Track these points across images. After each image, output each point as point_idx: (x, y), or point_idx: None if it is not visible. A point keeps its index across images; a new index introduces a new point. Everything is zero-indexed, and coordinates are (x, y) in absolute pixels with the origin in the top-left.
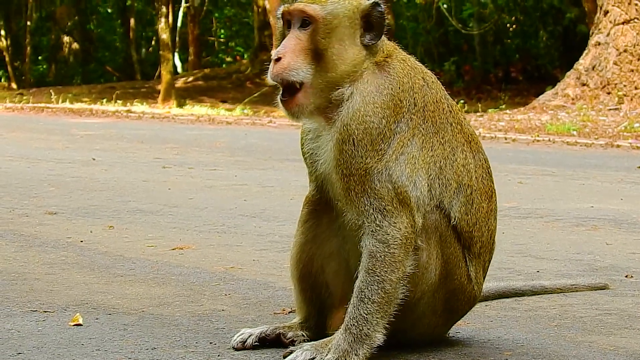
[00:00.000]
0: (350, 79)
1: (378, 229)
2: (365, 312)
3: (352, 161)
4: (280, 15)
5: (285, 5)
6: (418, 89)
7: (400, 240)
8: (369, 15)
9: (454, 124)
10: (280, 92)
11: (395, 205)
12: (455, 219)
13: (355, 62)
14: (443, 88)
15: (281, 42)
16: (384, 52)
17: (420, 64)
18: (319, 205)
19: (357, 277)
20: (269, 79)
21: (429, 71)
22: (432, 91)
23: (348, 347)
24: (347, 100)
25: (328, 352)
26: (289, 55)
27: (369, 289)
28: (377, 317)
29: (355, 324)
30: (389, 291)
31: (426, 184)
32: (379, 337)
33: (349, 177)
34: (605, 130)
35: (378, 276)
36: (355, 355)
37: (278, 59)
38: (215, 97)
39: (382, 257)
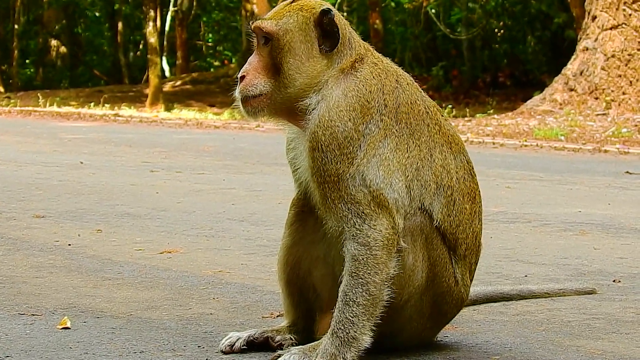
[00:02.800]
0: (315, 88)
1: (358, 232)
2: (351, 315)
3: (324, 168)
4: (251, 33)
5: (251, 22)
6: (389, 91)
7: (382, 242)
8: (322, 24)
9: (431, 125)
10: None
11: (373, 208)
12: (437, 221)
13: (314, 73)
14: (420, 90)
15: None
16: (352, 56)
17: (397, 67)
18: (305, 208)
19: (341, 281)
20: (236, 96)
21: (405, 73)
22: (405, 93)
23: (335, 350)
24: (314, 109)
25: (316, 356)
26: (251, 73)
27: (354, 291)
28: (363, 320)
29: (342, 327)
30: (373, 293)
31: (404, 186)
32: (366, 340)
33: (324, 185)
34: (593, 135)
35: (362, 279)
36: (343, 358)
37: (242, 77)
38: (203, 101)
39: (365, 259)
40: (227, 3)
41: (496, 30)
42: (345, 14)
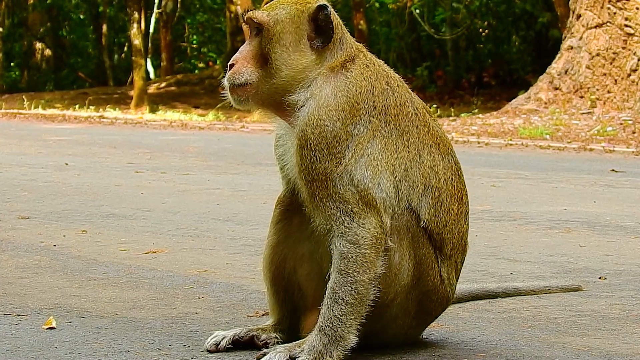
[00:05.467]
0: (302, 84)
1: (347, 230)
2: (340, 313)
3: (313, 166)
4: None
5: (244, 13)
6: (379, 93)
7: (371, 240)
8: (316, 19)
9: (420, 127)
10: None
11: (361, 207)
12: (424, 221)
13: (302, 67)
14: (410, 91)
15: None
16: (343, 56)
17: (388, 68)
18: (291, 206)
19: (329, 278)
20: (225, 83)
21: (396, 75)
22: (395, 95)
23: (322, 348)
24: (303, 106)
25: (302, 353)
26: (240, 62)
27: (342, 289)
28: (350, 318)
29: (330, 325)
30: (361, 292)
31: (392, 186)
32: (352, 339)
33: (312, 183)
34: (578, 133)
35: (351, 277)
36: (330, 356)
37: (232, 66)
38: (188, 102)
39: (354, 257)
40: (211, 5)
41: (480, 30)
42: None
